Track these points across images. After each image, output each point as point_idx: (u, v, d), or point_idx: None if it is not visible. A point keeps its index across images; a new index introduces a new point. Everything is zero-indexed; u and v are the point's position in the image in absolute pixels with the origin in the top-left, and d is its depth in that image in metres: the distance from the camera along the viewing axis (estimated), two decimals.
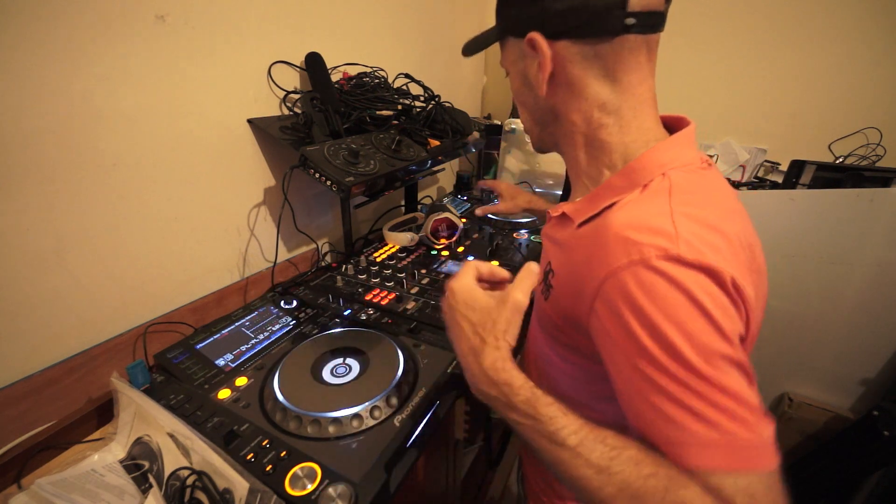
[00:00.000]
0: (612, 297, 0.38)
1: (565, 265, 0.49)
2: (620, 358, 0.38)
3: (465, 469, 0.90)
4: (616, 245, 0.39)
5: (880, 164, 1.34)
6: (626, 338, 0.36)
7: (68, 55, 0.60)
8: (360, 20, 1.17)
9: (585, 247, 0.45)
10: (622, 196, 0.44)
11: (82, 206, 0.65)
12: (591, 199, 0.48)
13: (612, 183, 0.46)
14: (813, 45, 1.42)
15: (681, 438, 0.34)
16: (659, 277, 0.35)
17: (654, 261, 0.35)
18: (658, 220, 0.38)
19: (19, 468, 0.55)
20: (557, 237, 0.53)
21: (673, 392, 0.34)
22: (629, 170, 0.45)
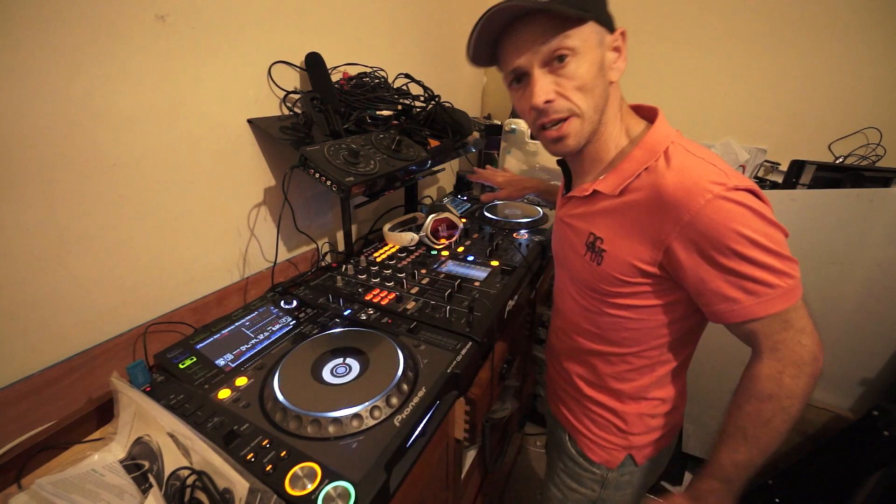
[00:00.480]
0: (699, 228, 0.52)
1: (616, 229, 0.61)
2: (708, 268, 0.53)
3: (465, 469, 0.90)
4: (688, 194, 0.52)
5: (880, 164, 1.35)
6: (717, 252, 0.52)
7: (68, 55, 0.60)
8: (360, 20, 1.17)
9: (645, 205, 0.57)
10: (647, 162, 0.57)
11: (82, 206, 0.65)
12: (618, 172, 0.60)
13: (634, 155, 0.59)
14: (813, 45, 1.42)
15: (771, 293, 0.52)
16: (730, 203, 0.51)
17: (724, 192, 0.51)
18: (705, 167, 0.54)
19: (19, 468, 0.55)
20: (594, 209, 0.64)
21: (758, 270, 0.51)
22: (645, 144, 0.59)
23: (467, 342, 0.73)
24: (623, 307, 0.65)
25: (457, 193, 1.64)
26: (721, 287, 0.54)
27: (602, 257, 0.63)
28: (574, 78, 0.56)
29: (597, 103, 0.58)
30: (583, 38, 0.55)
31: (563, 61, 0.55)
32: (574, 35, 0.54)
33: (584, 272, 0.67)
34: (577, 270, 0.69)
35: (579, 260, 0.67)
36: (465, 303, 0.84)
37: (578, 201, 0.67)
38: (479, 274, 0.97)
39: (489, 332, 0.78)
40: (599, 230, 0.63)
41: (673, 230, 0.54)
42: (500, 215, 1.33)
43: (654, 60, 1.64)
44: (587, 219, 0.65)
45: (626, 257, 0.60)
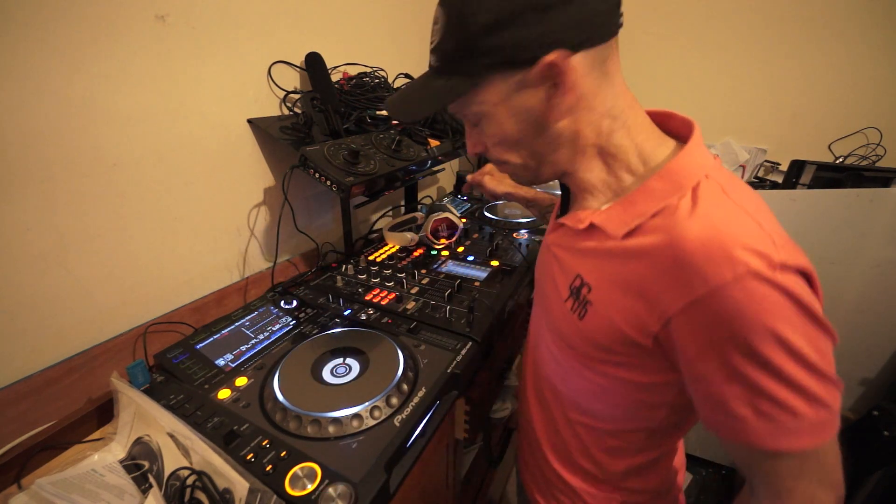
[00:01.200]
0: (712, 313, 0.36)
1: (611, 279, 0.45)
2: (716, 366, 0.38)
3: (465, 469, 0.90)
4: (710, 260, 0.36)
5: (880, 164, 1.35)
6: (727, 351, 0.37)
7: (68, 55, 0.60)
8: (360, 20, 1.17)
9: (654, 259, 0.40)
10: (668, 200, 0.41)
11: (83, 206, 0.65)
12: (626, 206, 0.44)
13: (651, 187, 0.43)
14: (813, 46, 1.42)
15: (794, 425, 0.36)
16: (770, 288, 0.35)
17: (764, 271, 0.34)
18: (747, 226, 0.37)
19: (19, 468, 0.55)
20: (587, 248, 0.48)
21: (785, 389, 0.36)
22: (668, 173, 0.42)
23: (467, 342, 0.73)
24: (600, 374, 0.50)
25: (457, 193, 1.64)
26: (726, 397, 0.38)
27: (586, 310, 0.48)
28: (488, 137, 0.48)
29: (531, 152, 0.48)
30: (480, 101, 0.44)
31: (473, 121, 0.48)
32: (469, 101, 0.45)
33: (563, 322, 0.52)
34: (555, 316, 0.54)
35: (560, 305, 0.52)
36: (465, 303, 0.84)
37: (570, 232, 0.51)
38: (479, 274, 0.97)
39: (489, 332, 0.78)
40: (589, 275, 0.48)
41: (678, 301, 0.38)
42: (500, 215, 1.33)
43: (654, 60, 1.64)
44: (577, 256, 0.50)
45: (616, 319, 0.44)
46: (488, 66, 0.42)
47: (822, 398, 0.36)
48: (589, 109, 0.44)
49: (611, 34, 0.42)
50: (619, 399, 0.51)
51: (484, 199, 1.56)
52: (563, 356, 0.54)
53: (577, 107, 0.43)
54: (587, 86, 0.42)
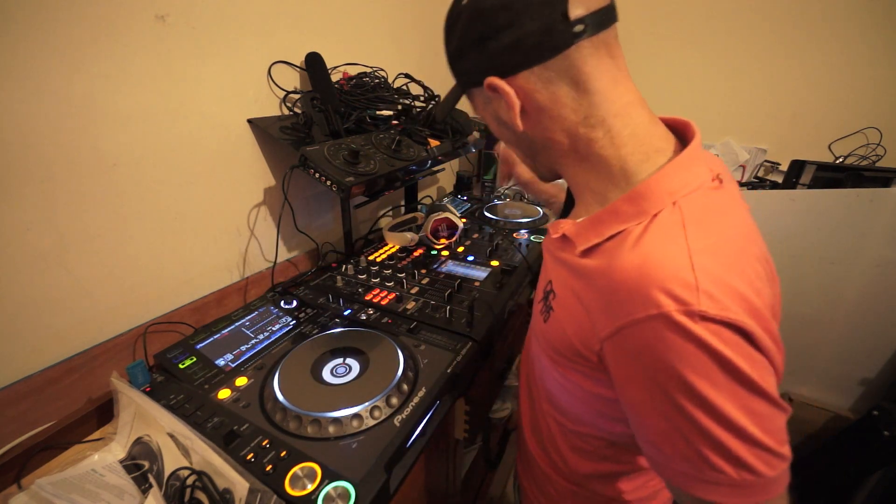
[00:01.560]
0: (631, 346, 0.36)
1: (569, 292, 0.46)
2: (639, 397, 0.38)
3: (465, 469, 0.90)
4: (632, 293, 0.36)
5: (880, 164, 1.35)
6: (648, 384, 0.36)
7: (68, 55, 0.60)
8: (360, 20, 1.17)
9: (594, 282, 0.41)
10: (628, 224, 0.40)
11: (82, 206, 0.65)
12: (594, 223, 0.44)
13: (618, 208, 0.42)
14: (813, 46, 1.42)
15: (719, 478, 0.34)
16: (680, 336, 0.33)
17: (675, 316, 0.33)
18: (675, 266, 0.35)
19: (19, 468, 0.55)
20: (560, 257, 0.49)
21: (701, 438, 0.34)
22: (636, 195, 0.41)
23: (467, 342, 0.73)
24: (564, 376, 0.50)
25: (457, 193, 1.64)
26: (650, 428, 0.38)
27: (549, 315, 0.50)
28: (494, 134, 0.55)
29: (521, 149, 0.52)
30: (475, 103, 0.52)
31: None
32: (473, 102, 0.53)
33: (536, 321, 0.55)
34: (534, 314, 0.57)
35: (536, 304, 0.55)
36: (465, 303, 0.84)
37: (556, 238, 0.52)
38: (479, 274, 0.97)
39: (489, 332, 0.78)
40: (556, 283, 0.49)
41: (608, 326, 0.38)
42: (500, 215, 1.33)
43: (654, 60, 1.64)
44: (553, 262, 0.52)
45: (568, 330, 0.45)
46: (465, 84, 0.49)
47: (746, 461, 0.33)
48: (554, 119, 0.45)
49: (555, 50, 0.41)
50: (580, 403, 0.51)
51: (484, 199, 1.56)
52: (537, 352, 0.56)
53: (539, 117, 0.45)
54: (543, 99, 0.43)
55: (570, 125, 0.44)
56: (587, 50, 0.41)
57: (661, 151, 0.44)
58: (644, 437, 0.40)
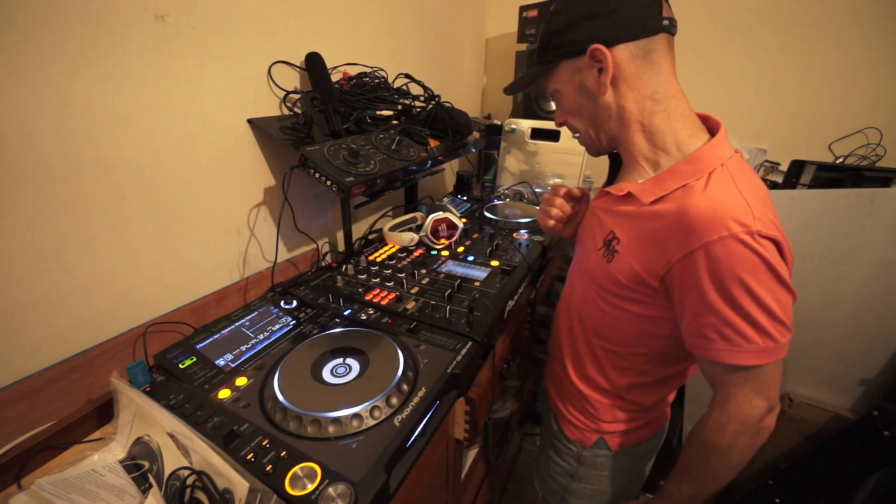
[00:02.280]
0: (703, 261, 0.51)
1: (635, 234, 0.61)
2: (698, 301, 0.53)
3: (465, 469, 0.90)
4: (705, 224, 0.50)
5: (880, 164, 1.35)
6: (710, 288, 0.51)
7: (68, 55, 0.60)
8: (360, 20, 1.17)
9: (663, 221, 0.56)
10: (689, 181, 0.55)
11: (82, 206, 0.65)
12: (657, 182, 0.59)
13: (678, 169, 0.57)
14: (813, 46, 1.42)
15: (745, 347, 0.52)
16: (744, 248, 0.49)
17: (741, 235, 0.49)
18: (737, 204, 0.51)
19: (19, 468, 0.55)
20: (622, 210, 0.64)
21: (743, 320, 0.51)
22: (693, 159, 0.57)
23: (467, 342, 0.73)
24: (616, 307, 0.66)
25: (457, 193, 1.64)
26: (701, 322, 0.54)
27: (613, 257, 0.64)
28: (563, 109, 0.68)
29: (591, 119, 0.64)
30: (556, 80, 0.65)
31: (555, 98, 0.68)
32: (549, 80, 0.66)
33: (594, 264, 0.68)
34: (590, 262, 0.70)
35: (594, 252, 0.69)
36: (465, 303, 0.84)
37: (612, 198, 0.67)
38: (479, 274, 0.97)
39: (489, 332, 0.78)
40: (620, 231, 0.64)
41: (679, 252, 0.53)
42: (500, 215, 1.33)
43: None
44: (614, 217, 0.66)
45: (635, 264, 0.60)
46: (559, 56, 0.62)
47: (771, 333, 0.51)
48: (633, 88, 0.59)
49: (648, 32, 0.56)
50: (628, 328, 0.67)
51: (484, 199, 1.56)
52: (590, 293, 0.71)
53: (620, 85, 0.59)
54: (629, 70, 0.58)
55: (641, 97, 0.59)
56: (664, 42, 0.58)
57: (702, 130, 0.61)
58: (694, 332, 0.56)
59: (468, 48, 1.85)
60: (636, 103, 0.60)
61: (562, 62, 0.62)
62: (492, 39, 2.01)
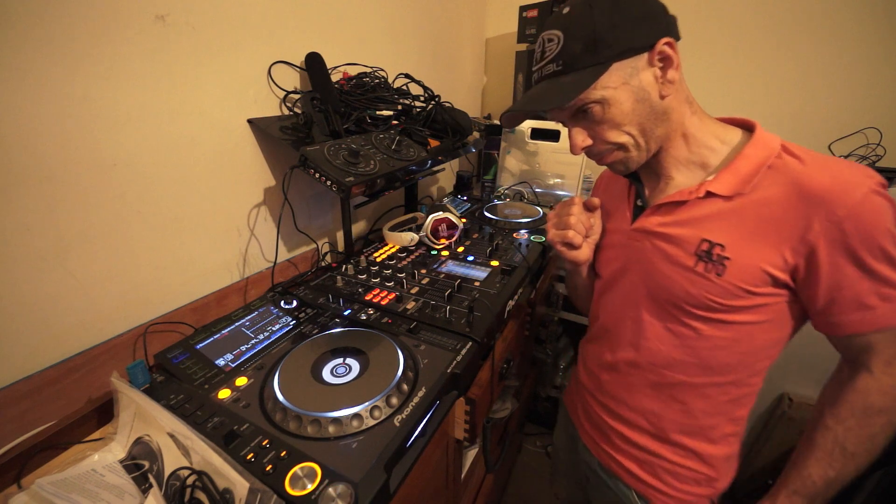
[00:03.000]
0: (854, 227, 0.48)
1: (745, 231, 0.55)
2: (853, 270, 0.50)
3: (465, 469, 0.90)
4: (836, 189, 0.49)
5: (880, 164, 1.34)
6: (866, 252, 0.49)
7: (68, 55, 0.60)
8: (360, 20, 1.17)
9: (775, 205, 0.52)
10: (768, 160, 0.54)
11: (82, 206, 0.65)
12: (732, 172, 0.56)
13: (749, 154, 0.55)
14: (813, 46, 1.42)
15: None
16: (884, 199, 0.49)
17: (877, 187, 0.48)
18: (846, 163, 0.51)
19: (19, 468, 0.55)
20: (703, 214, 0.58)
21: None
22: (757, 142, 0.56)
23: (467, 342, 0.73)
24: (733, 326, 0.58)
25: (457, 193, 1.64)
26: (860, 292, 0.50)
27: (724, 266, 0.55)
28: (604, 122, 0.57)
29: (642, 127, 0.57)
30: (604, 85, 0.54)
31: (589, 113, 0.57)
32: (605, 80, 0.54)
33: (691, 286, 0.58)
34: (676, 287, 0.60)
35: (684, 274, 0.59)
36: (465, 303, 0.84)
37: (675, 207, 0.60)
38: (479, 274, 0.97)
39: (489, 332, 0.78)
40: (717, 236, 0.56)
41: (822, 227, 0.49)
42: (500, 215, 1.33)
43: None
44: (695, 224, 0.58)
45: (758, 263, 0.54)
46: (613, 55, 0.53)
47: None
48: (679, 91, 0.57)
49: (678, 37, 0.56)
50: (748, 345, 0.59)
51: (484, 199, 1.56)
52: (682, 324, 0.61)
53: (675, 84, 0.56)
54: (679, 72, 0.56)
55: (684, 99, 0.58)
56: None
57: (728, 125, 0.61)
58: (850, 306, 0.52)
59: (468, 48, 1.85)
60: (680, 106, 0.58)
61: (614, 63, 0.53)
62: (492, 39, 2.01)
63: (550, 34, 0.56)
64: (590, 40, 0.52)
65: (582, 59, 0.53)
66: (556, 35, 0.55)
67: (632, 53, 0.53)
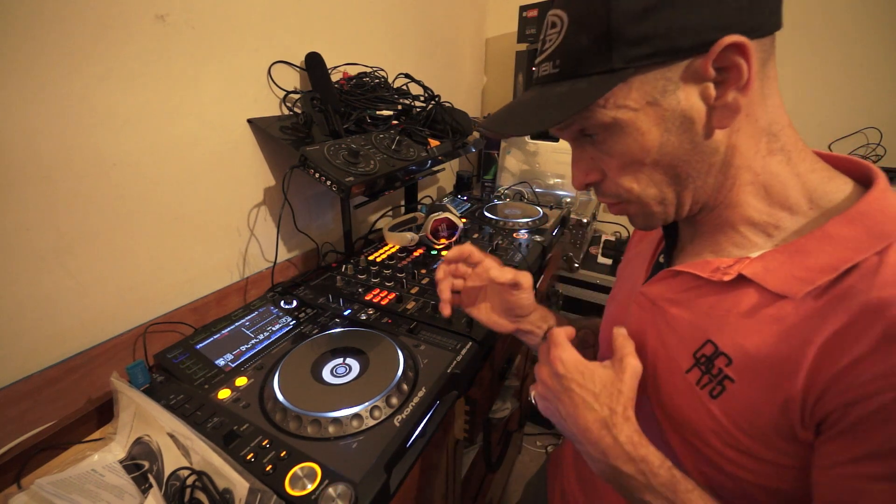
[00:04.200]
0: None
1: (767, 353, 0.35)
2: None
3: (465, 469, 0.90)
4: None
5: (880, 164, 1.34)
6: None
7: (68, 55, 0.60)
8: (360, 20, 1.17)
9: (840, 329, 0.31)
10: (865, 253, 0.32)
11: (82, 206, 0.65)
12: (792, 255, 0.36)
13: (834, 232, 0.34)
14: (812, 46, 1.42)
15: None
16: None
17: None
18: None
19: (19, 468, 0.55)
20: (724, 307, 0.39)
21: None
22: (860, 215, 0.34)
23: (467, 342, 0.73)
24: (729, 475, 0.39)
25: (457, 193, 1.64)
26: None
27: (724, 388, 0.37)
28: (614, 156, 0.39)
29: (675, 174, 0.38)
30: (618, 105, 0.35)
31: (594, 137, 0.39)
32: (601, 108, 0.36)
33: (683, 402, 0.41)
34: (670, 396, 0.42)
35: (677, 379, 0.41)
36: None
37: (696, 283, 0.41)
38: None
39: (489, 332, 0.78)
40: (727, 342, 0.37)
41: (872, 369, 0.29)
42: (500, 215, 1.33)
43: None
44: (708, 317, 0.40)
45: (763, 407, 0.35)
46: (637, 59, 0.33)
47: None
48: (752, 119, 0.37)
49: (776, 26, 0.35)
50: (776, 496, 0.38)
51: (484, 199, 1.56)
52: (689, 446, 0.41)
53: (743, 114, 0.36)
54: (755, 87, 0.35)
55: (759, 130, 0.37)
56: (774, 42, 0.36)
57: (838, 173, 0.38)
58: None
59: (468, 48, 1.85)
60: (752, 142, 0.37)
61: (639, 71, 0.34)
62: (492, 39, 2.01)
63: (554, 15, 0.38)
64: (602, 31, 0.34)
65: (588, 59, 0.35)
66: (559, 17, 0.37)
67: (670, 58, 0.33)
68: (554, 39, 0.38)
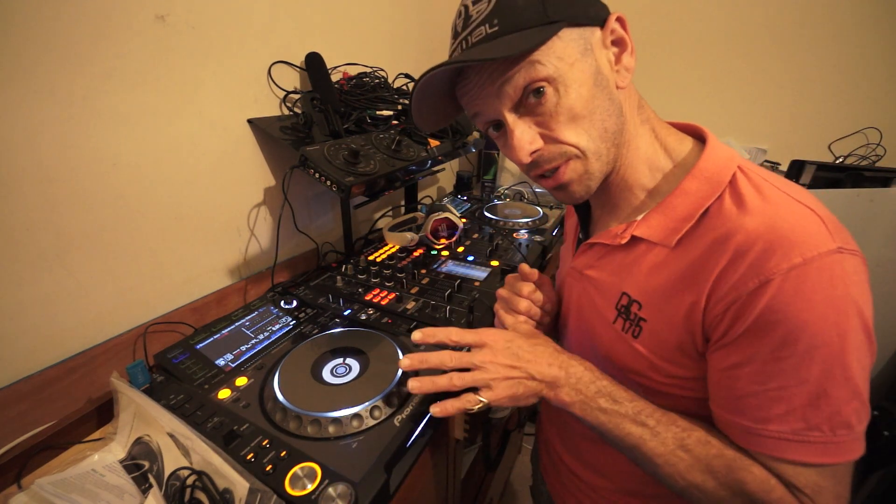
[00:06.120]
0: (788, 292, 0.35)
1: (664, 290, 0.43)
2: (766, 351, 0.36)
3: (465, 469, 0.90)
4: (777, 248, 0.35)
5: (880, 164, 1.34)
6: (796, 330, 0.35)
7: (68, 55, 0.60)
8: (360, 20, 1.17)
9: (704, 261, 0.39)
10: (710, 200, 0.41)
11: (82, 206, 0.65)
12: (666, 212, 0.43)
13: (687, 188, 0.43)
14: (812, 46, 1.42)
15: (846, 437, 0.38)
16: (838, 267, 0.36)
17: (830, 254, 0.35)
18: (800, 216, 0.37)
19: (19, 468, 0.55)
20: (629, 261, 0.46)
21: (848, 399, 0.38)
22: (700, 171, 0.42)
23: None
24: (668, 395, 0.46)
25: (457, 193, 1.64)
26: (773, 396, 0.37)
27: (641, 329, 0.45)
28: (560, 112, 0.42)
29: (603, 128, 0.43)
30: (558, 56, 0.40)
31: (540, 96, 0.41)
32: (544, 57, 0.39)
33: (617, 347, 0.48)
34: (607, 345, 0.50)
35: (608, 330, 0.49)
36: (465, 303, 0.84)
37: (605, 249, 0.50)
38: (479, 274, 0.97)
39: None
40: (636, 290, 0.45)
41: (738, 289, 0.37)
42: (500, 215, 1.33)
43: (653, 60, 1.64)
44: (619, 273, 0.48)
45: (673, 326, 0.42)
46: (566, 11, 0.40)
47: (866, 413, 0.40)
48: (629, 92, 0.45)
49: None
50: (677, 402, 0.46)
51: (484, 199, 1.56)
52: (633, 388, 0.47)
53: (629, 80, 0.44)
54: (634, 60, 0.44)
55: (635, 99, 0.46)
56: None
57: (683, 134, 0.48)
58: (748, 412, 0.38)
59: None
60: (633, 110, 0.45)
61: (565, 27, 0.40)
62: None
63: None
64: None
65: (525, 14, 0.39)
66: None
67: (585, 22, 0.41)
68: (484, 9, 0.41)
